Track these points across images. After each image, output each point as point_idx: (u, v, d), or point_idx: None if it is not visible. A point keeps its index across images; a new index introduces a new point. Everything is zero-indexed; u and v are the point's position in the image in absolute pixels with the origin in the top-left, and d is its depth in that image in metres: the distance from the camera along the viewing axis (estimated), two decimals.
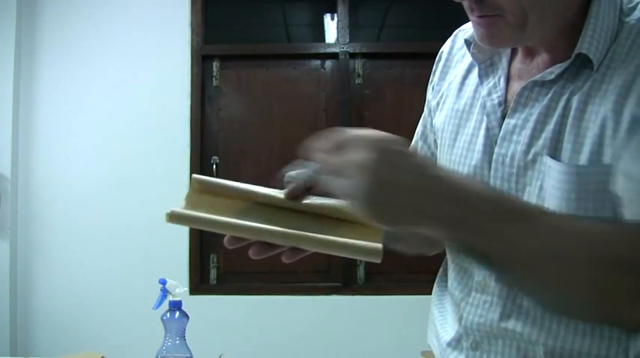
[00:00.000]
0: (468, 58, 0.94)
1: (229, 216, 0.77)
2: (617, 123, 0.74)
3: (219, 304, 3.03)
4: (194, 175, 0.82)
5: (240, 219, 0.76)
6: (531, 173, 0.81)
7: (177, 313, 1.30)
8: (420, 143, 1.07)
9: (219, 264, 3.12)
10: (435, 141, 1.01)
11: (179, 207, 0.78)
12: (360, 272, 3.10)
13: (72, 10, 3.14)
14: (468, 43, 0.91)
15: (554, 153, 0.78)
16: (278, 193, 0.81)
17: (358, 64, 3.17)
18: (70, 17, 3.14)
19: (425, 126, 1.06)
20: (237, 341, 2.90)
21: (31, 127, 3.11)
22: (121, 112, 3.10)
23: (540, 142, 0.80)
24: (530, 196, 0.81)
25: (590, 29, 0.78)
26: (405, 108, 3.10)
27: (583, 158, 0.76)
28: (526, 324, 0.81)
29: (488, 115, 0.88)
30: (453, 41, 1.02)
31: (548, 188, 0.79)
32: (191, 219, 0.76)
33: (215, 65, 3.18)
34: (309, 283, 3.05)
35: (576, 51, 0.78)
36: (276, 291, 3.06)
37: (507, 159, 0.83)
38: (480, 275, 0.88)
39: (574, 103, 0.78)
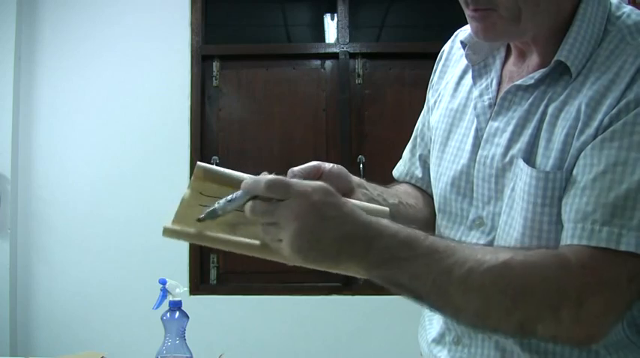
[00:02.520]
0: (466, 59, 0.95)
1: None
2: (581, 132, 0.75)
3: (219, 304, 3.02)
4: (199, 163, 0.83)
5: (239, 211, 0.78)
6: (509, 174, 0.82)
7: (177, 313, 1.30)
8: (418, 140, 1.09)
9: (219, 264, 3.12)
10: (431, 138, 1.02)
11: (185, 192, 0.80)
12: None
13: (72, 11, 3.14)
14: (463, 44, 0.92)
15: (529, 157, 0.80)
16: None
17: (358, 64, 3.17)
18: (70, 17, 3.14)
19: (423, 124, 1.08)
20: (237, 341, 2.90)
21: (31, 127, 3.11)
22: (120, 112, 3.10)
23: (518, 146, 0.81)
24: (506, 198, 0.83)
25: (572, 37, 0.79)
26: (405, 108, 3.10)
27: (550, 163, 0.77)
28: None
29: (478, 116, 0.89)
30: (453, 41, 1.03)
31: (517, 190, 0.80)
32: (184, 235, 0.79)
33: (215, 65, 3.18)
34: (309, 283, 3.05)
35: (555, 58, 0.79)
36: (276, 291, 3.05)
37: (488, 161, 0.85)
38: None
39: (550, 110, 0.79)
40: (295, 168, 0.86)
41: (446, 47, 1.04)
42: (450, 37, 1.05)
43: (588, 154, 0.73)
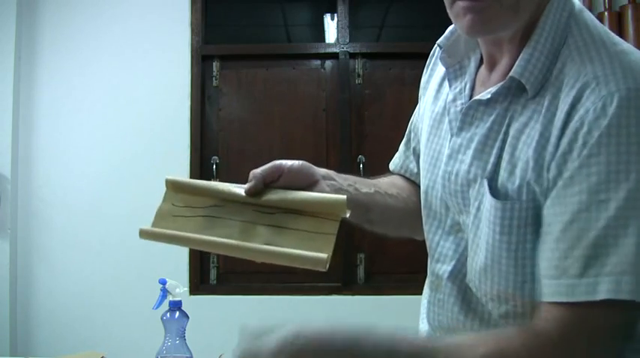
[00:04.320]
0: None
1: (199, 215, 0.87)
2: (540, 166, 0.73)
3: (219, 304, 3.02)
4: (167, 177, 0.90)
5: (208, 216, 0.86)
6: (472, 191, 0.81)
7: (177, 313, 1.30)
8: (412, 134, 1.09)
9: (219, 264, 3.12)
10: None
11: (159, 205, 0.91)
12: (360, 272, 3.10)
13: (72, 11, 3.14)
14: (439, 46, 0.90)
15: (493, 177, 0.78)
16: (241, 190, 0.88)
17: (358, 64, 3.17)
18: (70, 18, 3.14)
19: (417, 119, 1.08)
20: (237, 341, 2.90)
21: (31, 127, 3.11)
22: (121, 112, 3.10)
23: (482, 164, 0.80)
24: (469, 215, 0.81)
25: (529, 53, 0.75)
26: (405, 108, 3.07)
27: (511, 188, 0.75)
28: (474, 321, 0.83)
29: (450, 122, 0.87)
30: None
31: (483, 211, 0.79)
32: (159, 236, 0.90)
33: (215, 65, 3.18)
34: (309, 283, 3.05)
35: (510, 74, 0.76)
36: (276, 291, 3.05)
37: (452, 177, 0.84)
38: (433, 275, 0.90)
39: (511, 131, 0.77)
40: (256, 170, 0.88)
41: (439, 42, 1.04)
42: None
43: (556, 203, 0.70)
